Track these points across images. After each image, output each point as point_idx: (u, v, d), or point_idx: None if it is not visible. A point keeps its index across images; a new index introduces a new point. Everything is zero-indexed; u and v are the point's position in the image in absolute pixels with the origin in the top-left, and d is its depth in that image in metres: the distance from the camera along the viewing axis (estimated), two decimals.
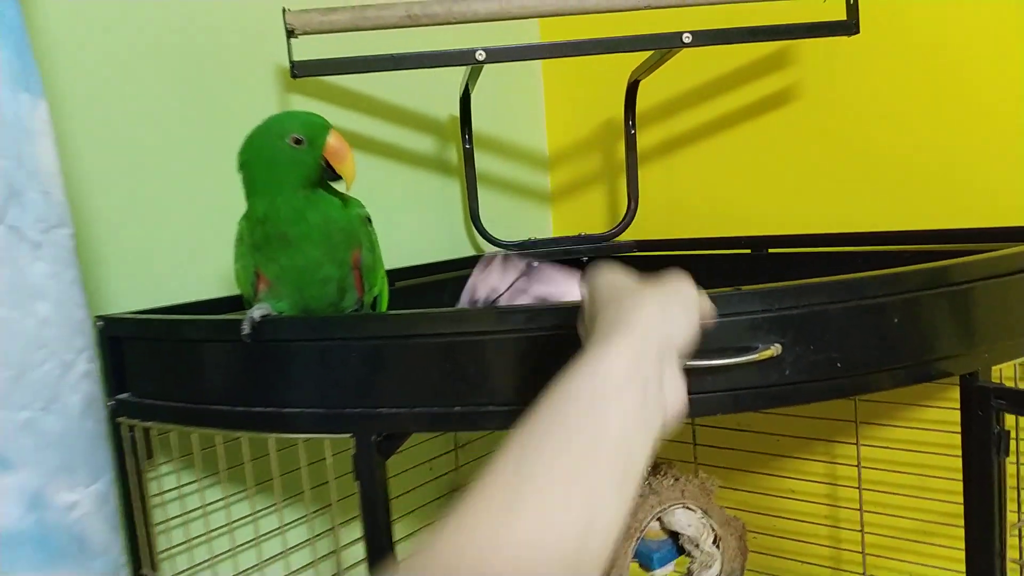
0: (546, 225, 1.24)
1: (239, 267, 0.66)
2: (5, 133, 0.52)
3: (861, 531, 0.94)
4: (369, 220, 0.68)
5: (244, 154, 0.62)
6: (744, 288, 0.57)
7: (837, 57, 0.95)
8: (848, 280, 0.57)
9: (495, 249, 1.06)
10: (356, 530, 0.63)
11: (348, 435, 0.61)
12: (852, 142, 0.96)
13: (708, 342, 0.55)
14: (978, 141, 0.88)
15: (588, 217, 1.21)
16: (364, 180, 0.98)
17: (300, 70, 0.80)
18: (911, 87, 0.92)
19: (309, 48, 0.81)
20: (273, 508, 0.69)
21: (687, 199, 1.10)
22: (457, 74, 0.97)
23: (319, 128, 0.61)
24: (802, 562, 1.01)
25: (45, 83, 0.56)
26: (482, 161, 1.12)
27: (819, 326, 0.56)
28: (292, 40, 0.80)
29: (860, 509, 0.94)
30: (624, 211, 1.10)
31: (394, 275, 0.95)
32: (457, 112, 1.03)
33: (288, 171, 0.60)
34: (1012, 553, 0.64)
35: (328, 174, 0.63)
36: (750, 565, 1.00)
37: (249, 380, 0.64)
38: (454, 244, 1.10)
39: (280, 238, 0.62)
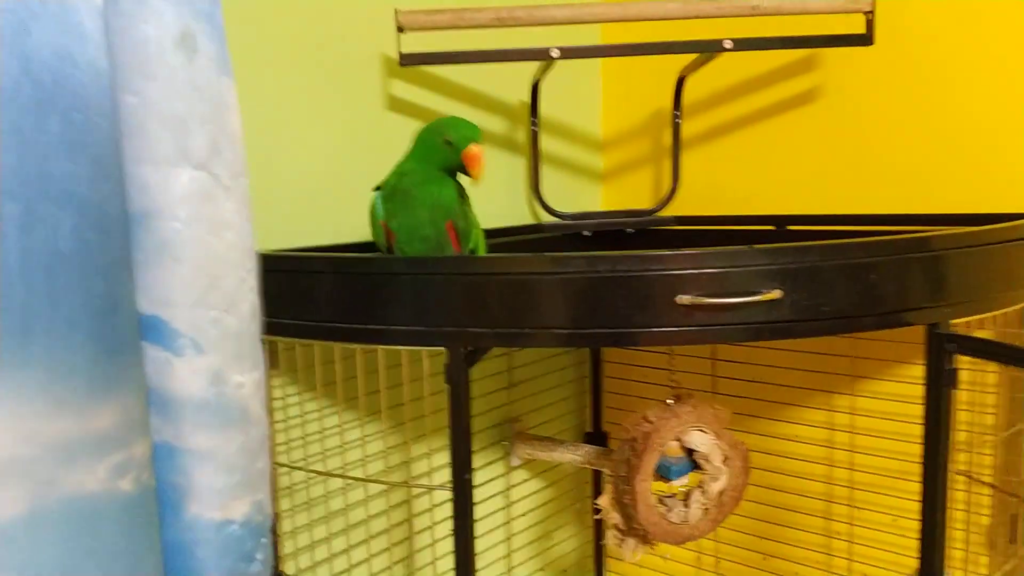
0: (596, 200, 1.41)
1: (373, 226, 0.86)
2: (213, 105, 0.71)
3: (851, 470, 1.12)
4: (465, 199, 0.87)
5: (419, 135, 0.83)
6: (755, 246, 0.75)
7: (855, 64, 1.11)
8: (834, 244, 0.74)
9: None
10: (442, 438, 0.81)
11: (442, 348, 0.80)
12: (864, 137, 1.12)
13: (726, 286, 0.73)
14: (972, 138, 1.03)
15: (634, 194, 1.37)
16: None
17: (407, 60, 0.98)
18: (917, 91, 1.07)
19: (411, 42, 0.99)
20: (373, 419, 0.88)
21: (722, 181, 1.26)
22: (529, 67, 1.14)
23: (465, 139, 0.80)
24: (800, 495, 1.19)
25: None
26: (545, 142, 1.30)
27: (811, 278, 0.73)
28: (400, 35, 0.98)
29: (851, 451, 1.12)
30: (668, 190, 1.27)
31: None
32: (527, 98, 1.21)
33: (434, 158, 0.81)
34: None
35: (463, 170, 0.82)
36: (757, 499, 1.18)
37: (364, 304, 0.82)
38: (518, 212, 1.28)
39: (403, 195, 0.82)
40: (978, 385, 0.97)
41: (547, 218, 1.26)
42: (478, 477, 1.21)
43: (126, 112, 0.67)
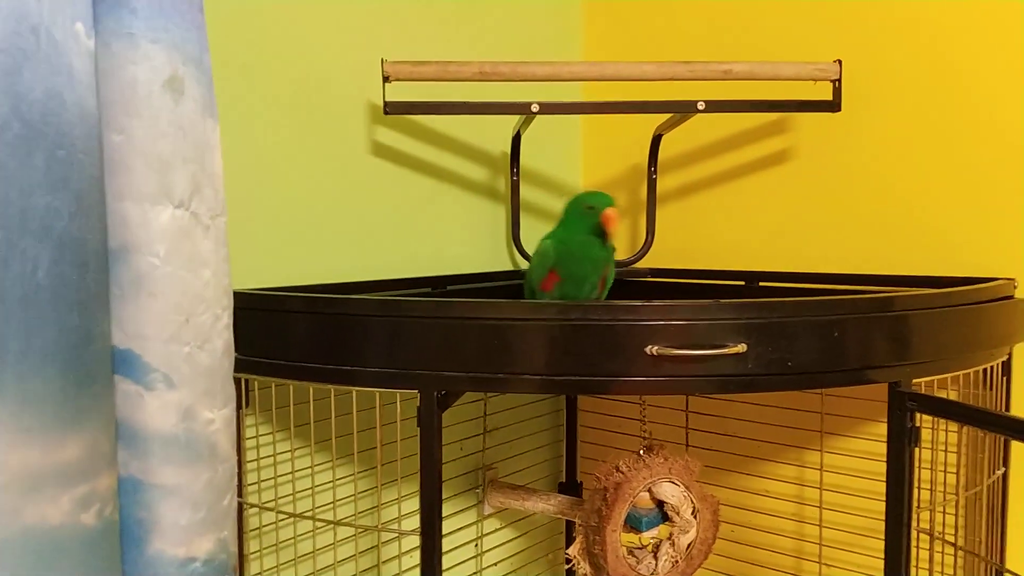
0: None
1: (540, 267, 0.97)
2: (196, 146, 0.73)
3: (820, 526, 1.12)
4: (613, 253, 0.98)
5: (568, 206, 0.97)
6: (722, 301, 0.77)
7: (824, 129, 1.15)
8: (799, 300, 0.76)
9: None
10: (413, 483, 0.81)
11: (415, 391, 0.81)
12: (832, 199, 1.15)
13: (694, 338, 0.74)
14: (936, 203, 1.06)
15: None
16: (430, 201, 1.19)
17: (392, 109, 1.01)
18: (883, 157, 1.11)
19: (396, 91, 1.02)
20: (346, 459, 0.89)
21: (696, 236, 1.29)
22: (511, 119, 1.17)
23: (602, 205, 0.92)
24: (770, 551, 1.19)
25: None
26: (526, 192, 1.32)
27: (776, 333, 0.75)
28: (386, 84, 1.01)
29: (820, 507, 1.12)
30: (643, 243, 1.29)
31: (447, 280, 1.16)
32: (508, 149, 1.24)
33: (581, 223, 0.94)
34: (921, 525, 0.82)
35: (602, 230, 0.92)
36: (727, 553, 1.18)
37: (338, 345, 0.83)
38: (497, 258, 1.30)
39: (570, 251, 0.95)
40: (942, 444, 0.99)
41: (526, 265, 1.27)
42: (449, 524, 1.20)
43: (111, 150, 0.68)
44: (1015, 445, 0.96)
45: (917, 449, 0.79)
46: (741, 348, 0.74)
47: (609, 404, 1.32)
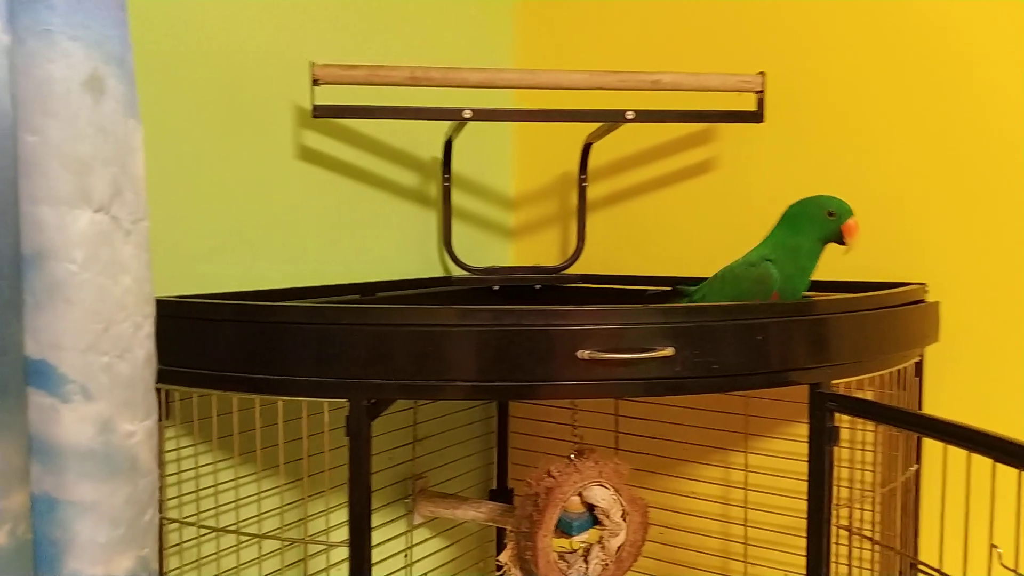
0: (506, 256, 1.44)
1: (759, 293, 0.93)
2: (117, 148, 0.70)
3: (745, 525, 1.15)
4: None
5: (797, 207, 0.94)
6: (651, 306, 0.78)
7: (748, 139, 1.19)
8: (724, 305, 0.78)
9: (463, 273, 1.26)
10: (342, 495, 0.80)
11: (344, 399, 0.80)
12: (756, 207, 1.19)
13: (623, 342, 0.75)
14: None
15: (543, 252, 1.41)
16: (360, 206, 1.18)
17: (320, 112, 0.99)
18: (804, 166, 1.15)
19: (325, 94, 1.00)
20: (271, 471, 0.87)
21: (625, 243, 1.31)
22: (442, 124, 1.17)
23: (846, 212, 0.90)
24: (697, 552, 1.21)
25: None
26: (457, 197, 1.32)
27: (702, 337, 0.77)
28: (315, 87, 0.99)
29: (745, 507, 1.15)
30: (573, 249, 1.31)
31: (377, 286, 1.14)
32: (440, 155, 1.23)
33: (814, 227, 0.92)
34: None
35: (839, 239, 0.91)
36: (655, 555, 1.20)
37: (265, 354, 0.81)
38: (428, 264, 1.29)
39: (795, 273, 0.92)
40: (859, 444, 1.03)
41: (457, 272, 1.27)
42: (379, 535, 1.19)
43: (26, 151, 0.65)
44: (927, 442, 1.01)
45: (837, 448, 0.82)
46: (669, 351, 0.76)
47: (540, 410, 1.33)
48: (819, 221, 0.91)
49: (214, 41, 0.98)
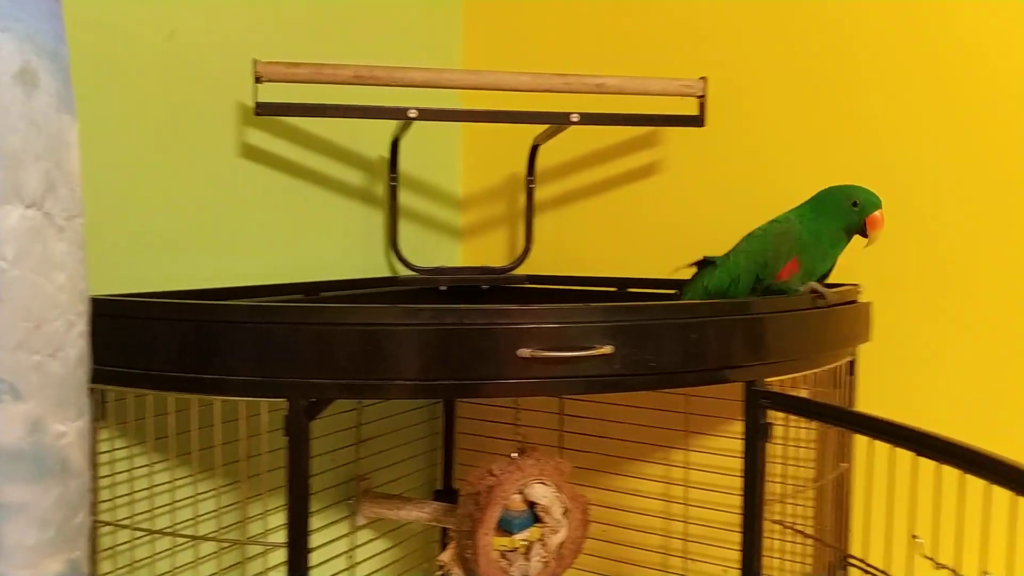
0: (455, 256, 1.44)
1: (781, 249, 0.92)
2: (51, 142, 0.69)
3: (685, 522, 1.17)
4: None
5: (826, 192, 0.94)
6: (591, 304, 0.79)
7: (690, 142, 1.21)
8: (662, 304, 0.80)
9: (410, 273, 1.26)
10: (281, 497, 0.79)
11: (282, 399, 0.79)
12: (698, 209, 1.22)
13: (563, 340, 0.77)
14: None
15: (491, 252, 1.42)
16: (304, 205, 1.17)
17: (263, 110, 0.99)
18: (745, 169, 1.18)
19: (269, 92, 1.00)
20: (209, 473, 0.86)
21: (571, 244, 1.33)
22: (389, 123, 1.17)
23: (872, 205, 0.90)
24: (639, 548, 1.23)
25: None
26: (406, 197, 1.32)
27: (641, 335, 0.79)
28: (258, 85, 0.98)
29: (685, 504, 1.18)
30: (521, 250, 1.32)
31: (321, 286, 1.14)
32: (387, 154, 1.23)
33: (838, 216, 0.92)
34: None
35: (862, 231, 0.91)
36: (598, 552, 1.22)
37: (202, 353, 0.80)
38: (375, 265, 1.29)
39: (818, 250, 0.93)
40: (794, 440, 1.05)
41: (404, 272, 1.27)
42: (321, 536, 1.18)
43: None
44: (857, 439, 1.04)
45: (773, 445, 0.85)
46: (608, 349, 0.77)
47: (485, 409, 1.33)
48: (843, 210, 0.91)
49: (155, 37, 0.96)
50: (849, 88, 1.11)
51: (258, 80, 0.97)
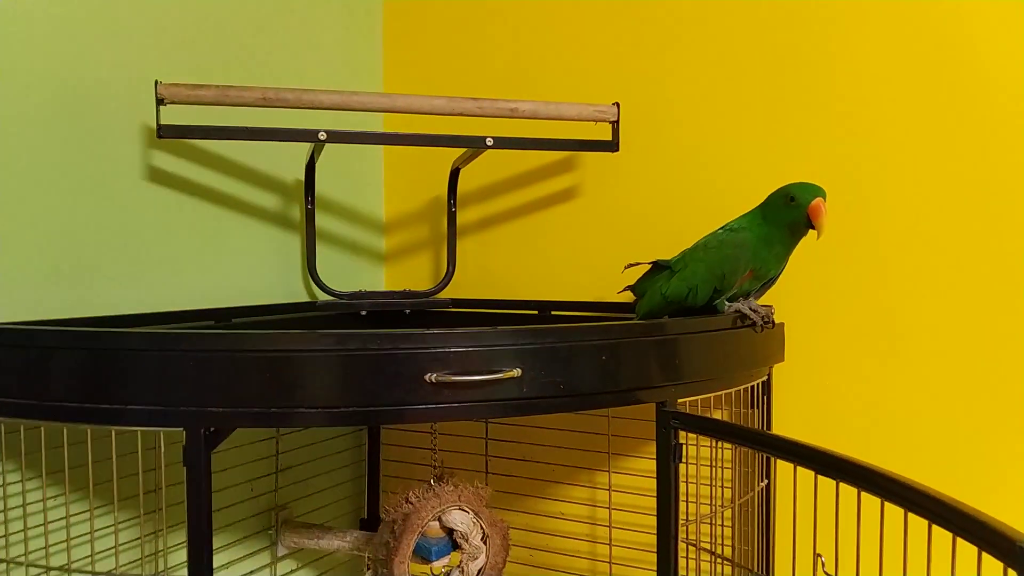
0: (379, 280, 1.42)
1: (736, 261, 0.92)
2: None
3: (610, 544, 1.17)
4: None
5: (772, 195, 0.93)
6: (499, 328, 0.79)
7: (606, 167, 1.22)
8: (570, 327, 0.80)
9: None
10: (182, 534, 0.76)
11: (180, 428, 0.76)
12: (614, 232, 1.23)
13: (471, 365, 0.75)
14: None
15: (415, 276, 1.40)
16: (215, 230, 1.14)
17: (165, 132, 0.96)
18: (657, 192, 1.20)
19: (177, 113, 0.97)
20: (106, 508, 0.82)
21: (494, 267, 1.32)
22: (306, 146, 1.16)
23: (807, 197, 0.88)
24: (564, 572, 1.22)
25: None
26: (325, 221, 1.30)
27: (549, 357, 0.78)
28: (161, 107, 0.96)
29: (610, 526, 1.17)
30: (444, 273, 1.31)
31: (234, 312, 1.11)
32: (303, 177, 1.21)
33: (781, 217, 0.91)
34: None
35: (807, 224, 0.89)
36: None
37: (98, 382, 0.76)
38: (291, 290, 1.26)
39: (769, 256, 0.93)
40: (717, 461, 1.06)
41: (323, 297, 1.25)
42: (240, 568, 1.14)
43: None
44: (776, 459, 1.05)
45: (696, 465, 0.85)
46: (516, 373, 0.76)
47: (410, 435, 1.31)
48: (784, 209, 0.91)
49: (53, 55, 0.93)
50: (761, 110, 1.14)
51: (160, 102, 0.95)
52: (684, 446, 0.85)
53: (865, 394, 1.09)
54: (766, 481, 1.05)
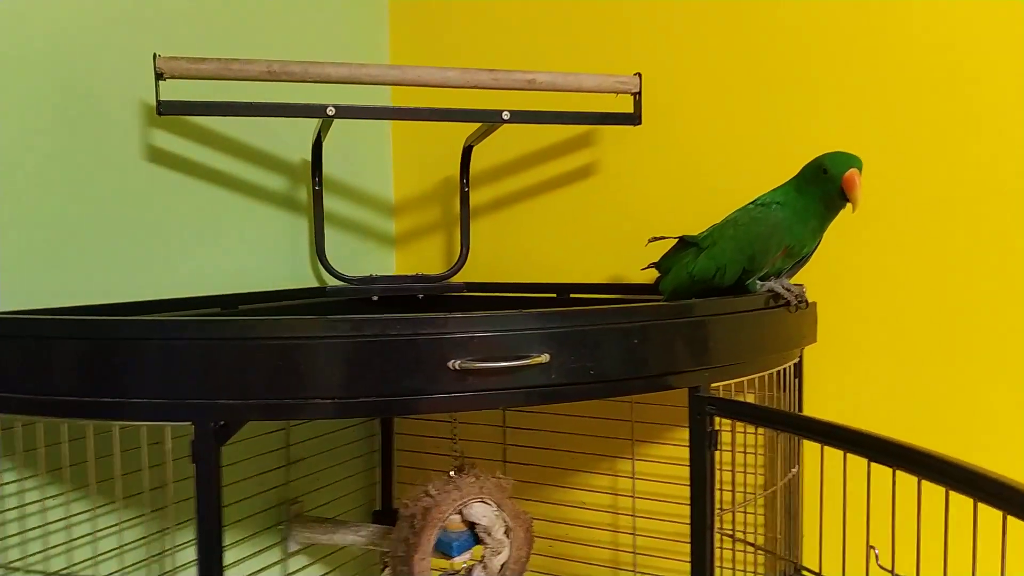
0: (390, 264, 1.38)
1: (770, 239, 0.87)
2: None
3: (634, 534, 1.12)
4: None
5: (805, 167, 0.88)
6: (525, 311, 0.74)
7: (626, 142, 1.17)
8: (600, 309, 0.75)
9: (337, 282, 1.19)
10: (188, 533, 0.72)
11: (188, 422, 0.72)
12: (636, 210, 1.17)
13: (497, 351, 0.71)
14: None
15: (427, 260, 1.35)
16: (220, 212, 1.09)
17: (166, 109, 0.91)
18: (679, 169, 1.14)
19: (178, 90, 0.92)
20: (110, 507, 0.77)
21: (510, 249, 1.27)
22: (310, 125, 1.11)
23: (841, 168, 0.83)
24: (586, 563, 1.18)
25: None
26: (334, 203, 1.25)
27: (579, 341, 0.73)
28: (160, 82, 0.91)
29: (633, 515, 1.13)
30: (457, 256, 1.26)
31: (240, 298, 1.06)
32: (309, 157, 1.16)
33: (816, 190, 0.86)
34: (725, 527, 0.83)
35: (842, 196, 0.84)
36: (543, 568, 1.16)
37: (101, 374, 0.72)
38: (300, 275, 1.21)
39: (804, 226, 0.88)
40: (740, 446, 1.01)
41: (333, 282, 1.20)
42: (251, 565, 1.10)
43: None
44: (806, 444, 1.00)
45: (718, 452, 0.80)
46: (544, 358, 0.72)
47: (425, 424, 1.27)
48: (818, 181, 0.86)
49: (49, 32, 0.88)
50: (789, 84, 1.08)
51: (160, 77, 0.89)
52: (719, 432, 0.81)
53: (898, 377, 1.04)
54: (796, 468, 1.01)
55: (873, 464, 0.64)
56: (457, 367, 0.70)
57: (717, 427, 0.80)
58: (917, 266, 1.03)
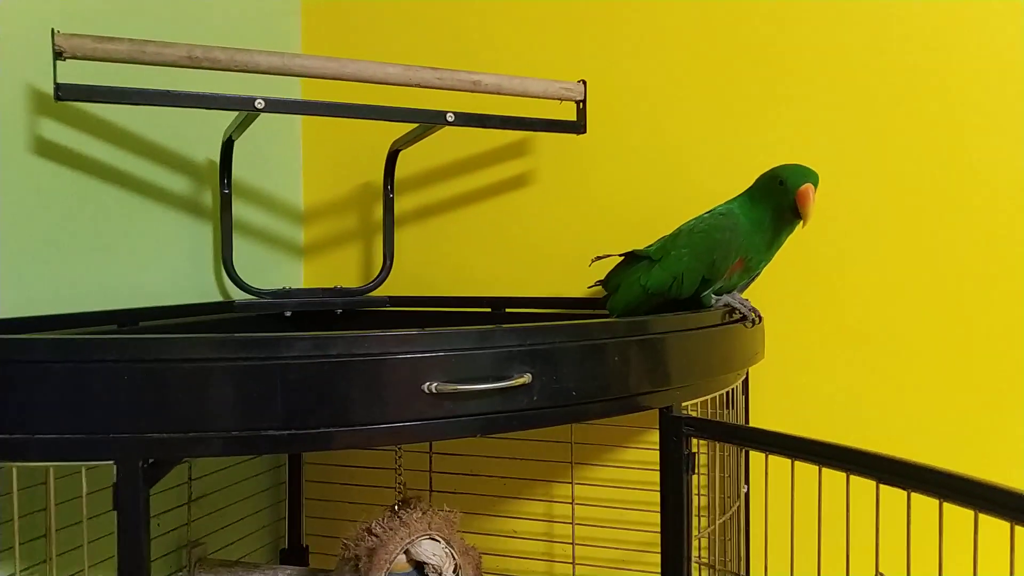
0: (297, 277, 1.26)
1: (725, 249, 0.84)
2: None
3: (572, 563, 1.07)
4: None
5: (761, 177, 0.87)
6: (505, 326, 0.67)
7: (566, 151, 1.13)
8: (580, 324, 0.69)
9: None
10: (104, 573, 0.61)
11: (109, 461, 0.60)
12: (575, 222, 1.13)
13: (474, 371, 0.64)
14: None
15: (340, 272, 1.25)
16: (114, 215, 0.96)
17: (66, 93, 0.77)
18: (624, 180, 1.11)
19: (70, 74, 0.79)
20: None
21: (438, 261, 1.20)
22: (219, 119, 0.99)
23: (800, 178, 0.82)
24: None
25: None
26: (240, 209, 1.13)
27: (560, 360, 0.67)
28: (58, 62, 0.77)
29: (572, 543, 1.07)
30: (379, 268, 1.16)
31: (139, 314, 0.93)
32: (216, 156, 1.04)
33: (771, 201, 0.84)
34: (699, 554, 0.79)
35: (795, 211, 0.82)
36: None
37: None
38: (204, 288, 1.08)
39: (760, 237, 0.86)
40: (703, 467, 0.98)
41: (240, 295, 1.08)
42: None
43: None
44: (753, 464, 0.98)
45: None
46: (526, 379, 0.65)
47: (336, 454, 1.17)
48: (773, 192, 0.84)
49: None
50: (739, 91, 1.07)
51: (59, 56, 0.76)
52: (696, 455, 0.77)
53: (840, 392, 1.05)
54: (746, 487, 0.99)
55: (852, 478, 0.63)
56: (434, 390, 0.62)
57: (694, 450, 0.76)
58: (858, 280, 1.04)
